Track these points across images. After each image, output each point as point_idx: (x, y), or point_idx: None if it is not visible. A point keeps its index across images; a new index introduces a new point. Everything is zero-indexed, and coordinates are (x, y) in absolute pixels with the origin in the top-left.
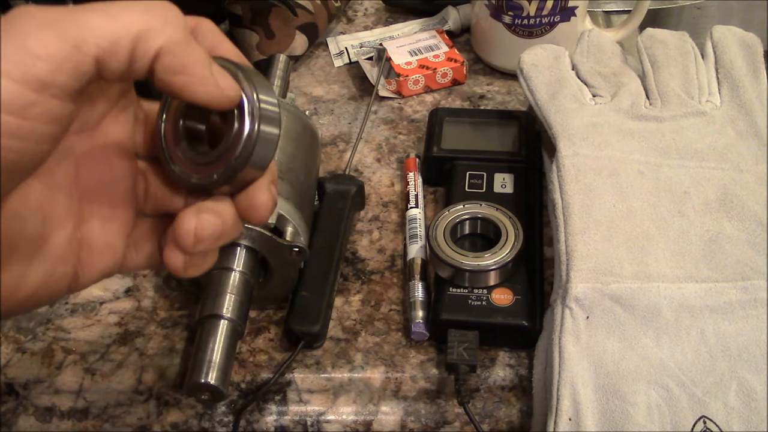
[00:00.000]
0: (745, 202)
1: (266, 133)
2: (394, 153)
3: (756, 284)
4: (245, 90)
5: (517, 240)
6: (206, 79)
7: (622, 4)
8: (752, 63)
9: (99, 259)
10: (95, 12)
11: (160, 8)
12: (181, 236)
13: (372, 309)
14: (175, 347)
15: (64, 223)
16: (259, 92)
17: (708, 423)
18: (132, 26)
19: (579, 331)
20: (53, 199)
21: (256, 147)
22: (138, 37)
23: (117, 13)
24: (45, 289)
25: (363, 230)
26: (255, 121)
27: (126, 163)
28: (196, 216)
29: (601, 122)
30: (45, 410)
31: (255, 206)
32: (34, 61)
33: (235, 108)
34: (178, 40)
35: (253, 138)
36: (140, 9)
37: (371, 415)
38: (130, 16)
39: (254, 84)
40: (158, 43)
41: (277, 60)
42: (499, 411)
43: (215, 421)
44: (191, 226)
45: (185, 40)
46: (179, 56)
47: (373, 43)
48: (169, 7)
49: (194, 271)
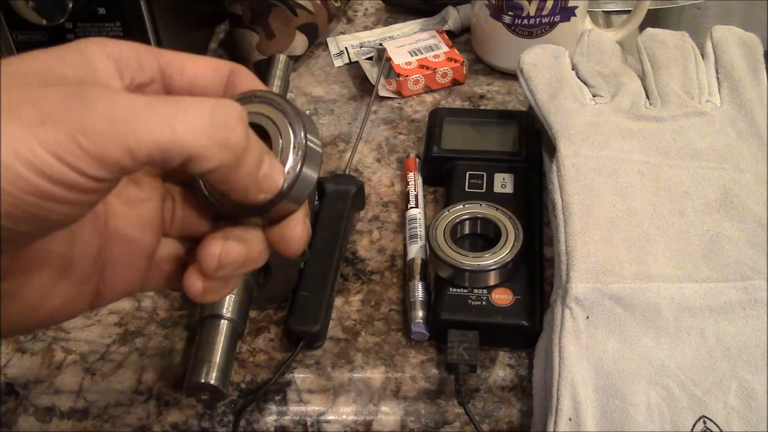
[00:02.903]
0: (745, 202)
1: (307, 173)
2: (394, 153)
3: (756, 284)
4: (293, 125)
5: (517, 240)
6: (248, 191)
7: (622, 4)
8: (752, 63)
9: (122, 279)
10: (157, 112)
11: (222, 120)
12: (204, 259)
13: (372, 309)
14: (175, 347)
15: (90, 242)
16: (307, 130)
17: (708, 423)
18: (187, 145)
19: (579, 331)
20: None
21: (295, 185)
22: (190, 158)
23: (176, 120)
24: (67, 307)
25: (363, 230)
26: (299, 159)
27: (155, 185)
28: (223, 242)
29: (601, 122)
30: (45, 410)
31: (289, 239)
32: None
33: (281, 141)
34: (229, 165)
35: (293, 176)
36: (202, 119)
37: (371, 415)
38: (189, 125)
39: (302, 120)
40: (209, 167)
41: (277, 60)
42: (499, 411)
43: (215, 421)
44: (216, 251)
45: (236, 162)
46: (225, 178)
47: (373, 43)
48: (232, 115)
49: (211, 297)
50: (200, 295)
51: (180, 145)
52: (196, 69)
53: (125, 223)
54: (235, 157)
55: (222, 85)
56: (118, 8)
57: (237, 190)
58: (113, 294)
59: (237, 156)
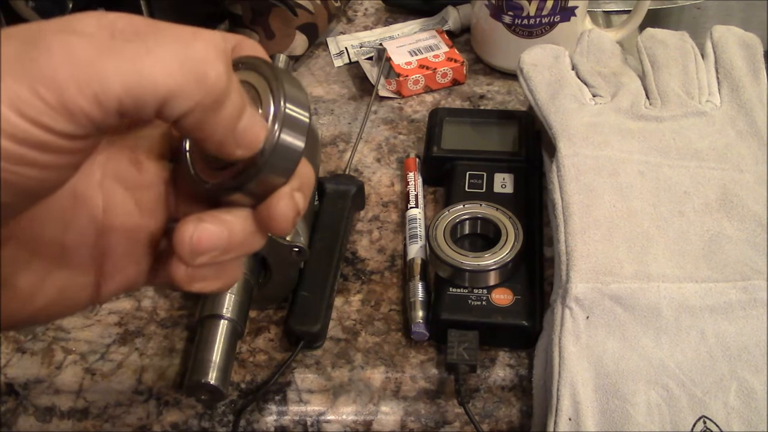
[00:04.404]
0: (745, 202)
1: (287, 139)
2: (394, 153)
3: (756, 284)
4: (274, 92)
5: (517, 240)
6: (224, 143)
7: (622, 4)
8: (752, 63)
9: (123, 270)
10: (123, 54)
11: (200, 53)
12: (176, 244)
13: (372, 309)
14: (175, 347)
15: (86, 229)
16: (288, 97)
17: (708, 423)
18: (159, 85)
19: (579, 331)
20: (76, 204)
21: (275, 153)
22: (164, 100)
23: (146, 58)
24: (63, 299)
25: (363, 230)
26: (276, 126)
27: (157, 168)
28: (195, 224)
29: (601, 122)
30: (45, 410)
31: (272, 216)
32: (45, 109)
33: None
34: (206, 107)
35: (272, 143)
36: (176, 54)
37: (371, 415)
38: (160, 62)
39: (283, 87)
40: (184, 108)
41: (277, 60)
42: (499, 411)
43: (215, 421)
44: (187, 234)
45: (215, 104)
46: (201, 122)
47: (373, 43)
48: (211, 50)
49: (202, 286)
50: (186, 283)
51: (151, 86)
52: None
53: (124, 209)
54: (213, 98)
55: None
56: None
57: (212, 140)
58: (114, 287)
59: (216, 97)
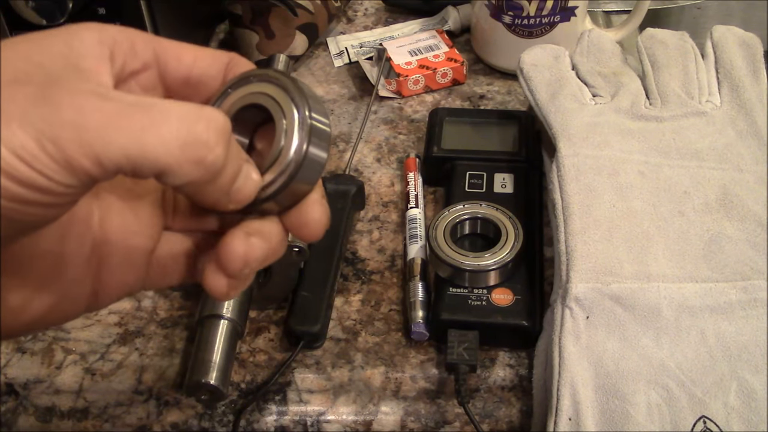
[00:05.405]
0: (745, 202)
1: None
2: (394, 153)
3: (756, 284)
4: (296, 103)
5: (517, 240)
6: (218, 203)
7: (622, 4)
8: (752, 63)
9: (120, 278)
10: (129, 124)
11: (201, 135)
12: (229, 261)
13: (372, 309)
14: (175, 347)
15: (82, 240)
16: (312, 108)
17: (708, 423)
18: (160, 161)
19: (579, 331)
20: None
21: (304, 165)
22: (162, 172)
23: (148, 132)
24: (59, 309)
25: (363, 230)
26: (304, 137)
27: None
28: (246, 240)
29: (601, 122)
30: (45, 410)
31: (308, 222)
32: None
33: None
34: (202, 182)
35: (301, 155)
36: (177, 133)
37: (371, 415)
38: (161, 138)
39: (306, 97)
40: (180, 183)
41: (277, 60)
42: (499, 411)
43: (215, 421)
44: (241, 250)
45: (210, 178)
46: (196, 191)
47: (373, 43)
48: (212, 132)
49: (235, 294)
50: (225, 294)
51: (150, 159)
52: (193, 57)
53: (120, 218)
54: (210, 176)
55: (220, 74)
56: (118, 8)
57: (206, 202)
58: (112, 294)
59: (212, 174)
